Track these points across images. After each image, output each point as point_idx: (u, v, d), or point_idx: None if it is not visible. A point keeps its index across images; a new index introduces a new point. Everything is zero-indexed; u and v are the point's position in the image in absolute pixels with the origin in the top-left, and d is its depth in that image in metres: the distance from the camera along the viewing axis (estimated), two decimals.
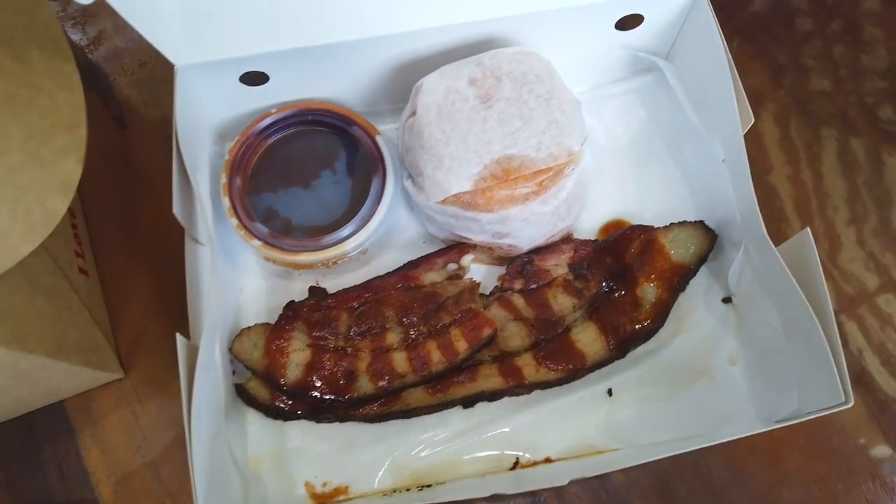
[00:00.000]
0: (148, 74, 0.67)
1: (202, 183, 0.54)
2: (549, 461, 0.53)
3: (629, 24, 0.59)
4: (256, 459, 0.54)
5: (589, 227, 0.60)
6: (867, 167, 0.64)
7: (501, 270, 0.58)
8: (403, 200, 0.61)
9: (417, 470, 0.53)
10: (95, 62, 0.68)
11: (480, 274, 0.59)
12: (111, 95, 0.67)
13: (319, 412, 0.53)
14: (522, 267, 0.57)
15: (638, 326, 0.55)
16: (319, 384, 0.52)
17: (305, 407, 0.53)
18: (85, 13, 0.69)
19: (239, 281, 0.58)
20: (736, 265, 0.54)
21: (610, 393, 0.55)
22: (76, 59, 0.48)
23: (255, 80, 0.56)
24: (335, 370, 0.53)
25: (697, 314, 0.57)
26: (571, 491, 0.53)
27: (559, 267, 0.57)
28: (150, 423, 0.56)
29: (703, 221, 0.57)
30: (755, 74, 0.68)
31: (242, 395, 0.54)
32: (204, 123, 0.58)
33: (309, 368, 0.53)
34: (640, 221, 0.59)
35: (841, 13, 0.70)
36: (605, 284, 0.56)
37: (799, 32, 0.70)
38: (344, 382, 0.52)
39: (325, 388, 0.52)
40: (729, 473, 0.54)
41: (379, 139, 0.57)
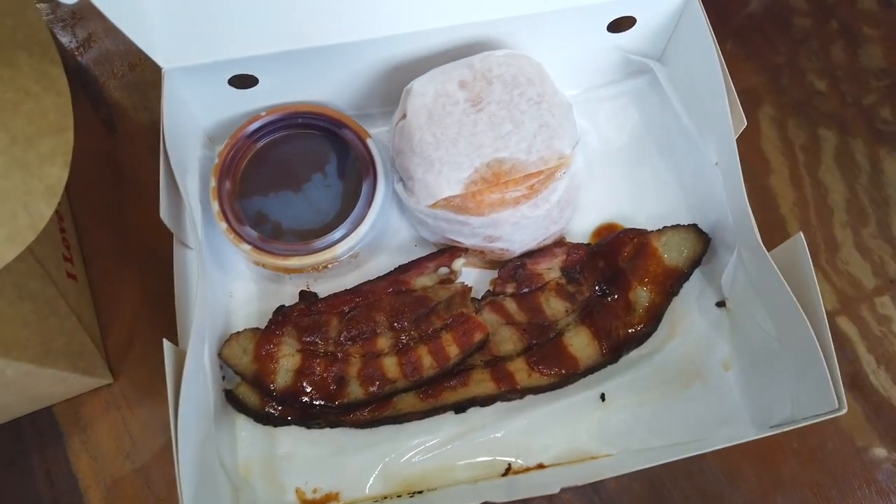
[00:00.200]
0: (138, 77, 0.67)
1: (191, 187, 0.54)
2: (541, 467, 0.53)
3: (621, 26, 0.58)
4: (246, 465, 0.53)
5: (581, 230, 0.60)
6: (865, 169, 0.63)
7: (493, 274, 0.58)
8: (395, 203, 0.60)
9: (409, 476, 0.53)
10: (85, 65, 0.67)
11: (472, 278, 0.59)
12: (101, 98, 0.66)
13: (310, 418, 0.53)
14: (514, 271, 0.56)
15: (631, 331, 0.54)
16: (309, 390, 0.52)
17: (295, 412, 0.53)
18: (74, 16, 0.69)
19: (228, 285, 0.58)
20: (729, 269, 0.54)
21: (603, 398, 0.54)
22: (65, 61, 0.47)
23: (244, 82, 0.56)
24: (325, 375, 0.52)
25: (691, 318, 0.56)
26: (564, 497, 0.53)
27: (552, 271, 0.56)
28: (139, 428, 0.56)
29: (696, 225, 0.57)
30: (751, 76, 0.67)
31: (232, 400, 0.54)
32: (193, 127, 0.58)
33: (299, 374, 0.52)
34: (633, 225, 0.59)
35: (837, 14, 0.70)
36: (597, 288, 0.55)
37: (795, 33, 0.69)
38: (334, 388, 0.52)
39: (315, 393, 0.52)
40: (723, 478, 0.54)
41: (370, 142, 0.57)
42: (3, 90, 0.43)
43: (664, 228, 0.57)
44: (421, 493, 0.52)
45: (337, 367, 0.53)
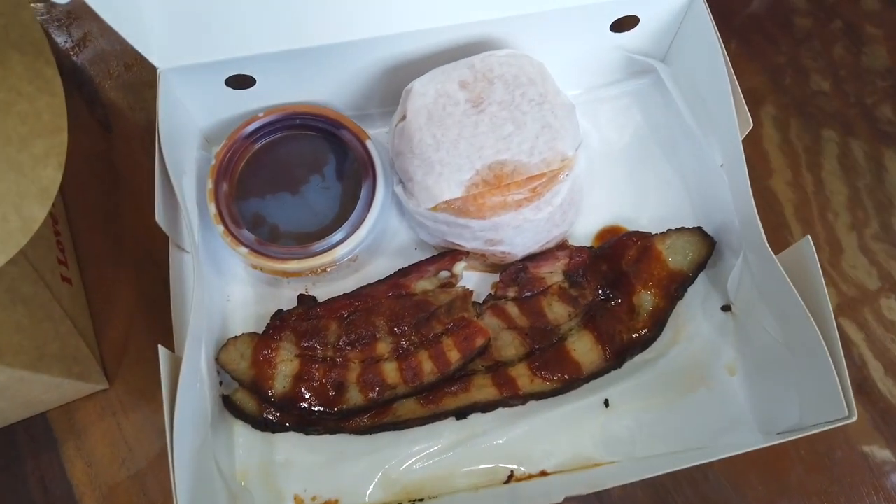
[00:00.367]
0: (134, 77, 0.66)
1: (188, 189, 0.53)
2: (544, 474, 0.52)
3: (624, 25, 0.57)
4: (244, 472, 0.52)
5: (584, 233, 0.59)
6: (868, 170, 0.63)
7: (495, 278, 0.57)
8: (394, 205, 0.59)
9: (409, 483, 0.52)
10: (80, 65, 0.67)
11: (473, 281, 0.58)
12: (96, 99, 0.65)
13: (308, 424, 0.52)
14: (516, 274, 0.55)
15: (635, 335, 0.53)
16: (308, 395, 0.51)
17: (294, 419, 0.52)
18: (69, 15, 0.68)
19: (226, 289, 0.57)
20: (735, 273, 0.53)
21: (606, 404, 0.54)
22: (60, 61, 0.47)
23: (241, 83, 0.55)
24: (324, 381, 0.51)
25: (695, 323, 0.56)
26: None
27: (554, 274, 0.55)
28: (135, 434, 0.55)
29: (700, 228, 0.56)
30: (754, 76, 0.67)
31: (229, 406, 0.53)
32: (189, 128, 0.57)
33: (297, 379, 0.51)
34: (636, 227, 0.58)
35: (840, 13, 0.69)
36: (601, 292, 0.55)
37: (797, 33, 0.68)
38: (333, 394, 0.51)
39: (313, 399, 0.51)
40: (728, 486, 0.53)
41: (369, 143, 0.56)
42: None
43: (668, 231, 0.56)
44: (421, 500, 0.51)
45: (336, 372, 0.52)
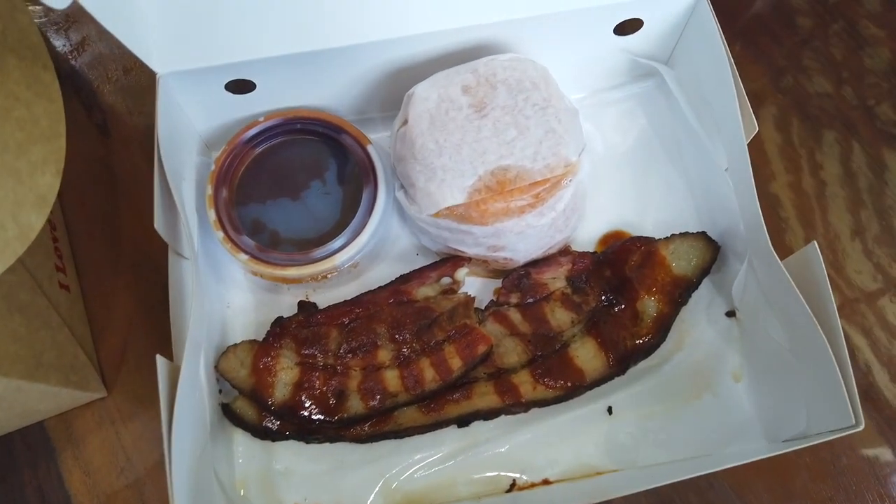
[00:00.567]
0: (133, 81, 0.66)
1: (187, 195, 0.52)
2: (546, 483, 0.51)
3: (628, 28, 0.57)
4: (243, 481, 0.52)
5: (587, 238, 0.58)
6: (870, 172, 0.62)
7: (497, 283, 0.56)
8: (396, 211, 0.59)
9: (410, 492, 0.51)
10: (79, 69, 0.66)
11: (475, 287, 0.57)
12: (95, 103, 0.65)
13: (309, 432, 0.52)
14: (519, 280, 0.55)
15: (638, 341, 0.53)
16: (308, 404, 0.51)
17: (294, 427, 0.51)
18: (68, 19, 0.67)
19: (225, 296, 0.56)
20: (740, 278, 0.52)
21: (610, 411, 0.53)
22: (59, 65, 0.46)
23: (241, 88, 0.54)
24: (325, 389, 0.51)
25: (700, 329, 0.55)
26: None
27: (557, 280, 0.55)
28: (133, 443, 0.54)
29: (705, 233, 0.55)
30: (756, 78, 0.66)
31: (229, 414, 0.52)
32: (189, 133, 0.56)
33: (297, 387, 0.51)
34: (640, 232, 0.57)
35: (842, 14, 0.69)
36: (604, 298, 0.54)
37: (800, 34, 0.68)
38: (334, 402, 0.51)
39: (314, 407, 0.51)
40: (732, 493, 0.52)
41: (370, 148, 0.56)
42: None
43: (672, 236, 0.55)
44: None
45: (336, 380, 0.51)
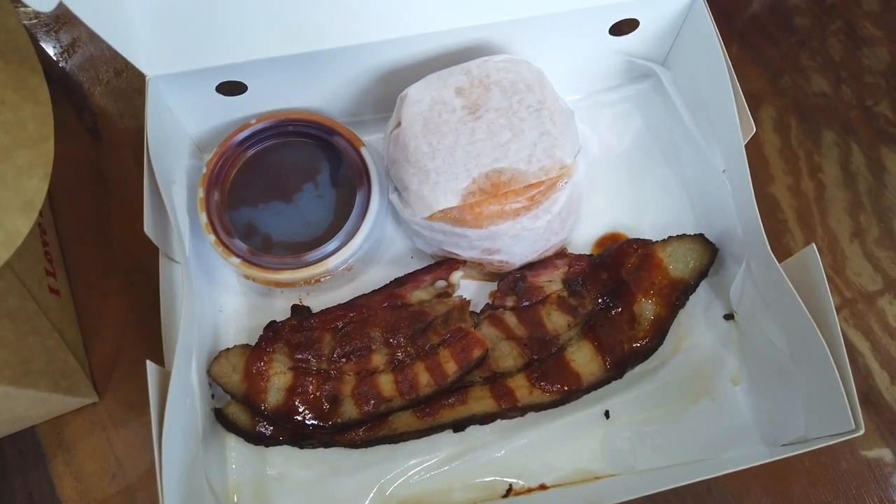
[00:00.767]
0: (124, 83, 0.65)
1: (178, 198, 0.52)
2: (543, 488, 0.51)
3: (624, 29, 0.56)
4: (236, 487, 0.51)
5: (584, 240, 0.58)
6: (869, 175, 0.61)
7: (492, 286, 0.56)
8: (390, 213, 0.58)
9: (405, 498, 0.51)
10: (69, 71, 0.65)
11: (471, 290, 0.57)
12: (85, 106, 0.64)
13: (302, 438, 0.51)
14: (514, 283, 0.54)
15: (636, 345, 0.52)
16: (302, 409, 0.50)
17: (288, 432, 0.51)
18: (58, 20, 0.67)
19: (217, 300, 0.56)
20: (738, 281, 0.52)
21: (607, 415, 0.52)
22: (49, 67, 0.46)
23: (232, 89, 0.53)
24: (318, 394, 0.50)
25: (698, 332, 0.55)
26: None
27: (553, 283, 0.54)
28: (125, 449, 0.54)
29: (702, 235, 0.55)
30: (754, 79, 0.65)
31: (221, 420, 0.52)
32: (179, 136, 0.56)
33: (291, 392, 0.50)
34: (637, 235, 0.57)
35: (840, 14, 0.68)
36: (600, 301, 0.53)
37: (797, 34, 0.67)
38: (328, 407, 0.50)
39: (307, 412, 0.50)
40: (731, 498, 0.52)
41: (363, 150, 0.55)
42: None
43: (669, 238, 0.55)
44: None
45: (330, 385, 0.51)
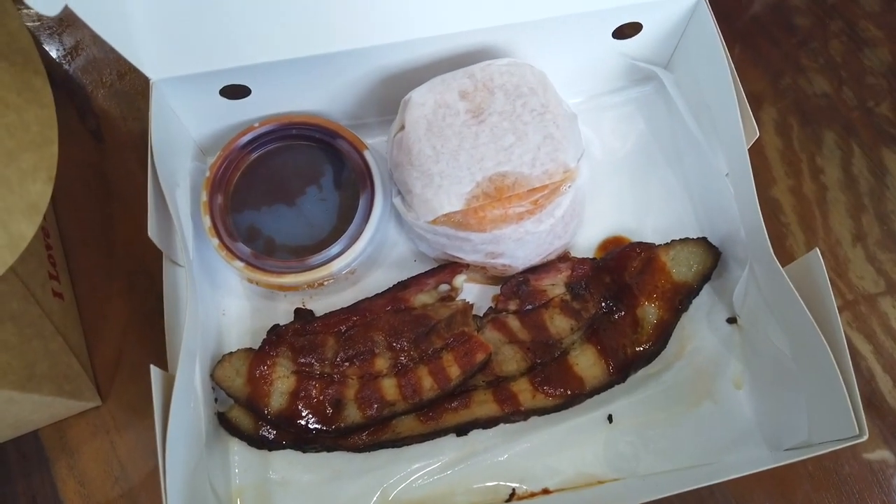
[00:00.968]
0: (127, 86, 0.65)
1: (181, 201, 0.52)
2: (546, 492, 0.51)
3: (627, 32, 0.56)
4: (239, 491, 0.51)
5: (587, 244, 0.58)
6: (871, 177, 0.61)
7: (495, 290, 0.56)
8: (393, 216, 0.58)
9: (408, 502, 0.51)
10: (72, 73, 0.65)
11: (474, 294, 0.57)
12: (89, 108, 0.64)
13: (305, 442, 0.51)
14: (517, 287, 0.54)
15: (639, 349, 0.52)
16: (305, 413, 0.50)
17: (291, 436, 0.51)
18: (62, 23, 0.66)
19: (221, 303, 0.56)
20: (741, 285, 0.52)
21: (610, 419, 0.52)
22: (52, 70, 0.46)
23: (236, 93, 0.53)
24: (322, 398, 0.50)
25: (701, 335, 0.55)
26: None
27: (556, 287, 0.54)
28: (128, 452, 0.54)
29: (705, 238, 0.55)
30: (755, 81, 0.65)
31: (225, 423, 0.52)
32: (183, 139, 0.56)
33: (294, 396, 0.50)
34: (639, 238, 0.57)
35: (841, 15, 0.68)
36: (604, 305, 0.53)
37: (798, 34, 0.67)
38: (331, 411, 0.50)
39: (311, 416, 0.50)
40: (734, 502, 0.52)
41: (367, 154, 0.55)
42: None
43: (672, 242, 0.55)
44: None
45: (333, 389, 0.51)
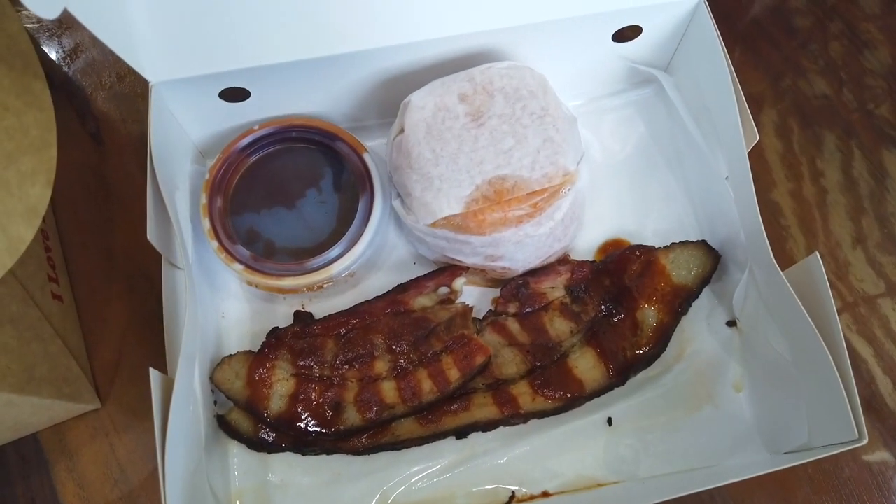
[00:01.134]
0: (127, 88, 0.65)
1: (181, 204, 0.52)
2: (546, 495, 0.51)
3: (627, 35, 0.56)
4: (239, 494, 0.51)
5: (586, 247, 0.58)
6: (871, 180, 0.61)
7: (495, 292, 0.56)
8: (393, 219, 0.58)
9: None
10: (72, 76, 0.65)
11: (473, 296, 0.56)
12: (88, 111, 0.64)
13: (305, 445, 0.51)
14: (517, 290, 0.54)
15: (638, 352, 0.52)
16: (305, 416, 0.50)
17: (290, 439, 0.51)
18: (61, 25, 0.66)
19: (220, 305, 0.56)
20: (741, 288, 0.52)
21: (610, 422, 0.52)
22: (51, 72, 0.45)
23: (235, 96, 0.53)
24: (321, 401, 0.50)
25: (700, 338, 0.54)
26: None
27: (556, 289, 0.54)
28: (127, 455, 0.54)
29: (705, 241, 0.55)
30: (755, 83, 0.65)
31: (224, 426, 0.52)
32: (182, 142, 0.56)
33: (293, 399, 0.50)
34: (639, 241, 0.57)
35: (841, 17, 0.68)
36: (603, 308, 0.53)
37: (798, 36, 0.67)
38: (330, 414, 0.50)
39: (310, 419, 0.50)
40: None
41: (366, 156, 0.55)
42: None
43: (672, 245, 0.55)
44: None
45: (333, 392, 0.51)
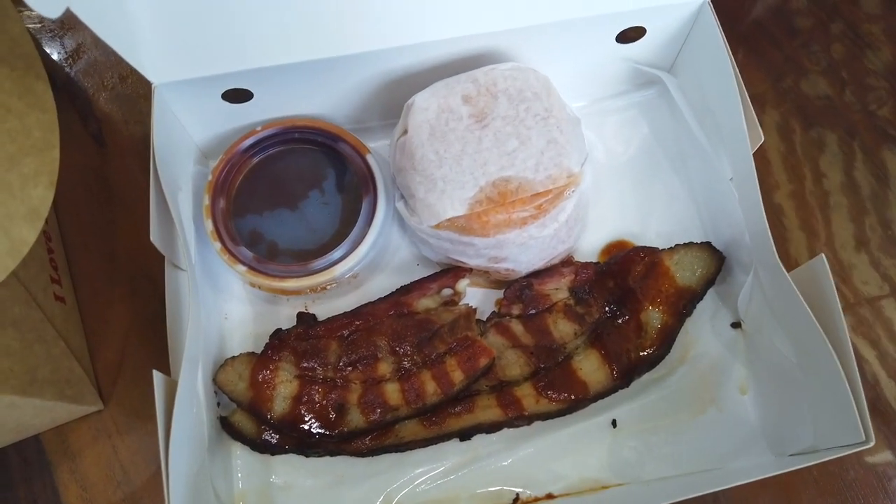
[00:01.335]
0: (129, 89, 0.65)
1: (184, 205, 0.52)
2: (550, 497, 0.51)
3: (630, 36, 0.56)
4: (242, 496, 0.51)
5: (590, 248, 0.58)
6: (873, 181, 0.61)
7: (499, 294, 0.56)
8: (396, 220, 0.58)
9: None
10: (74, 77, 0.65)
11: (477, 298, 0.56)
12: (90, 112, 0.64)
13: (308, 446, 0.51)
14: (521, 291, 0.54)
15: (642, 354, 0.52)
16: (308, 417, 0.50)
17: (294, 441, 0.51)
18: (63, 25, 0.66)
19: (223, 307, 0.56)
20: (745, 289, 0.51)
21: (614, 424, 0.52)
22: (53, 73, 0.45)
23: (238, 97, 0.53)
24: (324, 403, 0.50)
25: (705, 340, 0.54)
26: None
27: (559, 291, 0.54)
28: (130, 456, 0.54)
29: (709, 243, 0.55)
30: (757, 83, 0.65)
31: (227, 428, 0.51)
32: (185, 143, 0.55)
33: (297, 401, 0.50)
34: (643, 242, 0.57)
35: (842, 16, 0.68)
36: (607, 309, 0.53)
37: (800, 36, 0.67)
38: (334, 416, 0.50)
39: (313, 421, 0.50)
40: None
41: (369, 157, 0.55)
42: None
43: (676, 246, 0.55)
44: None
45: (336, 393, 0.50)
